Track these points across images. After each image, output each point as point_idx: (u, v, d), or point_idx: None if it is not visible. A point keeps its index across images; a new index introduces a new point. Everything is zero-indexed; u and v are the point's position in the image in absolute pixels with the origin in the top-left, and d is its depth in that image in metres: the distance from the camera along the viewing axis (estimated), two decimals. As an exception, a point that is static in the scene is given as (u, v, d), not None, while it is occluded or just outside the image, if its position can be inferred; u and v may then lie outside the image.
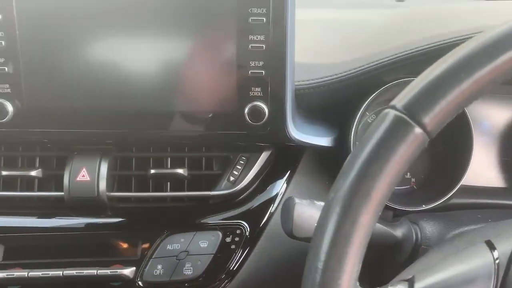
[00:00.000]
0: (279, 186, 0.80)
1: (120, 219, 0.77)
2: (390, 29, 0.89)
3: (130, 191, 0.80)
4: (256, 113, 0.71)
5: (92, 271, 0.71)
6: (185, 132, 0.75)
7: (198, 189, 0.80)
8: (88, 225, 0.75)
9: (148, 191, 0.80)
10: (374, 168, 0.42)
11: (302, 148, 0.81)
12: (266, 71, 0.71)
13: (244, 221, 0.77)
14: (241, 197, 0.79)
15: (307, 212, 0.59)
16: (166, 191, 0.81)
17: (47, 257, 0.73)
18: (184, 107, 0.73)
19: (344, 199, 0.43)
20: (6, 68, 0.70)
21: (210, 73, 0.71)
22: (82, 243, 0.75)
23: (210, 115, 0.73)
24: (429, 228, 0.68)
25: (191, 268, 0.73)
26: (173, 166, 0.80)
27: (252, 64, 0.70)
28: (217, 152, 0.81)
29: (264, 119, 0.71)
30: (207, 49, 0.70)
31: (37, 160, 0.80)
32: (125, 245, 0.75)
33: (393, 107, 0.44)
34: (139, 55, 0.70)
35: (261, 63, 0.70)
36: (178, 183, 0.81)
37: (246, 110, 0.71)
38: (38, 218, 0.76)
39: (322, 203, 0.62)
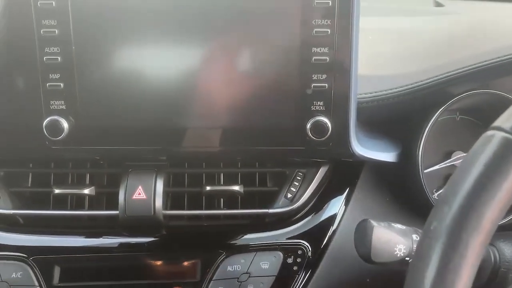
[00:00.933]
0: (339, 204, 0.76)
1: (174, 238, 0.74)
2: (450, 40, 0.85)
3: (182, 208, 0.77)
4: (318, 128, 0.68)
5: (153, 295, 0.69)
6: (242, 147, 0.72)
7: (251, 206, 0.78)
8: (143, 245, 0.73)
9: (199, 208, 0.78)
10: (486, 195, 0.39)
11: (361, 163, 0.78)
12: (329, 84, 0.68)
13: (305, 241, 0.73)
14: (298, 215, 0.76)
15: (386, 235, 0.56)
16: (219, 208, 0.79)
17: (104, 279, 0.71)
18: (242, 123, 0.70)
19: (452, 229, 0.39)
20: (62, 85, 0.68)
21: (271, 87, 0.68)
22: (138, 264, 0.72)
23: (268, 130, 0.70)
24: (508, 250, 0.64)
25: (254, 291, 0.70)
26: (226, 182, 0.78)
27: (315, 77, 0.67)
28: (271, 168, 0.78)
29: (328, 134, 0.68)
30: (269, 62, 0.67)
31: (87, 177, 0.79)
32: (183, 266, 0.72)
33: (499, 129, 0.40)
34: (196, 70, 0.68)
35: (324, 76, 0.67)
36: (230, 200, 0.79)
37: (308, 125, 0.68)
38: (91, 237, 0.73)
39: (400, 226, 0.58)
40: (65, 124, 0.68)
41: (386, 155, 0.75)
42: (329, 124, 0.68)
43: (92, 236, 0.74)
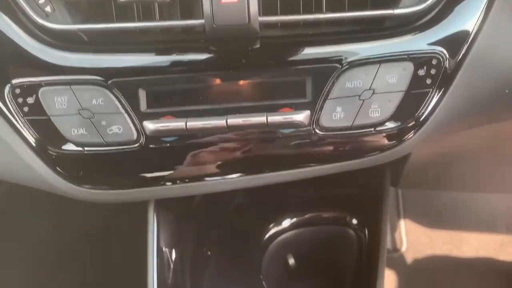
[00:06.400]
0: (481, 3, 0.59)
1: (274, 51, 0.60)
2: None
3: (275, 14, 0.62)
4: None
5: (261, 118, 0.58)
6: None
7: (360, 8, 0.61)
8: (238, 60, 0.59)
9: (295, 13, 0.62)
10: None
11: None
12: None
13: (442, 48, 0.59)
14: (427, 18, 0.60)
15: None
16: (319, 11, 0.62)
17: (198, 102, 0.60)
18: None
19: None
20: None
21: None
22: (236, 84, 0.60)
23: None
24: None
25: (379, 109, 0.59)
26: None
27: None
28: None
29: None
30: None
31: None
32: (289, 84, 0.59)
33: None
34: None
35: None
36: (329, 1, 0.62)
37: None
38: (174, 54, 0.59)
39: None
40: None
41: None
42: None
43: (175, 53, 0.60)
